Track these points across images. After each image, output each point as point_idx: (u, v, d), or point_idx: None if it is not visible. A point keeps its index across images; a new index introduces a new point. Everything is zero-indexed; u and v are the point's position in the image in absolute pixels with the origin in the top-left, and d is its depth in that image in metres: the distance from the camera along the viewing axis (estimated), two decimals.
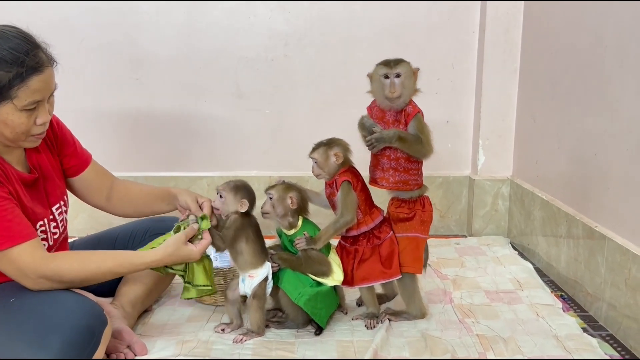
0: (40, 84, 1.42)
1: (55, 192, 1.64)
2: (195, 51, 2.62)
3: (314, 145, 1.74)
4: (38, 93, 1.42)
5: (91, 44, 2.59)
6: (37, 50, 1.43)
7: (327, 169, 1.72)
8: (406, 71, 1.69)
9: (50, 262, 1.44)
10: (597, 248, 1.85)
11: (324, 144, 1.72)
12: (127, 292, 1.75)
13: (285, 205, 1.69)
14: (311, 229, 1.72)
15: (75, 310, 1.38)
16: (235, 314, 1.73)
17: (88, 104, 2.62)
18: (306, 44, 2.63)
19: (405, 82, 1.68)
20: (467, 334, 1.71)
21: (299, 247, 1.68)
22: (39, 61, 1.41)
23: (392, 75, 1.68)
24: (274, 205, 1.69)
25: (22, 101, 1.40)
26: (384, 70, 1.69)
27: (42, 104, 1.45)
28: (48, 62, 1.45)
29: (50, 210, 1.61)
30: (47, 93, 1.46)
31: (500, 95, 2.61)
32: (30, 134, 1.48)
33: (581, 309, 1.93)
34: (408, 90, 1.69)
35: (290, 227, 1.71)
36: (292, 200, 1.68)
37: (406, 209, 1.76)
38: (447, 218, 2.76)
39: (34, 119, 1.45)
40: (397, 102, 1.70)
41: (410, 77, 1.69)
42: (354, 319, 1.80)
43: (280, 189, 1.70)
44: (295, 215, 1.71)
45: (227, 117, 2.68)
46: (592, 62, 1.95)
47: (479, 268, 2.24)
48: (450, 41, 2.64)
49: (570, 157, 2.12)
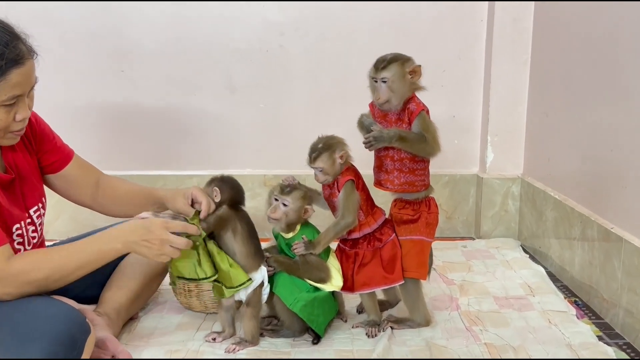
0: (20, 78, 1.41)
1: (33, 194, 1.64)
2: (184, 42, 2.61)
3: (313, 153, 1.69)
4: (18, 87, 1.41)
5: (73, 35, 2.58)
6: (17, 41, 1.42)
7: (333, 173, 1.70)
8: (393, 75, 1.66)
9: (14, 263, 1.43)
10: (614, 251, 1.85)
11: (324, 149, 1.68)
12: (112, 299, 1.75)
13: (298, 215, 1.68)
14: (310, 232, 1.71)
15: (55, 318, 1.38)
16: (229, 321, 1.72)
17: (70, 99, 2.62)
18: (303, 34, 2.63)
19: (394, 86, 1.67)
20: (475, 343, 1.71)
21: (297, 252, 1.67)
22: (19, 53, 1.41)
23: (379, 79, 1.68)
24: (288, 214, 1.67)
25: (1, 96, 1.40)
26: (372, 73, 1.69)
27: (22, 98, 1.45)
28: (28, 54, 1.44)
29: (28, 213, 1.61)
30: (27, 87, 1.45)
31: (509, 88, 2.61)
32: (8, 131, 1.47)
33: (596, 316, 1.93)
34: (398, 93, 1.68)
35: (289, 230, 1.70)
36: (307, 212, 1.68)
37: (411, 211, 1.76)
38: (454, 219, 2.76)
39: (13, 115, 1.45)
40: (386, 107, 1.70)
41: (401, 79, 1.67)
42: (354, 327, 1.80)
43: (298, 198, 1.67)
44: (300, 221, 1.71)
45: (219, 112, 2.68)
46: (608, 52, 1.95)
47: (487, 272, 2.24)
48: (456, 30, 2.64)
49: (584, 153, 2.12)
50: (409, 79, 1.68)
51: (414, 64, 1.70)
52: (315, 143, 1.71)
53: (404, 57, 1.69)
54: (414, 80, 1.69)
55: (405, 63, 1.68)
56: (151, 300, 1.97)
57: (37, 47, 1.48)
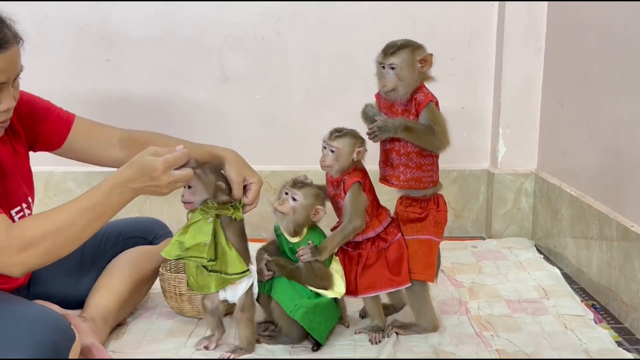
0: (4, 63, 1.41)
1: (16, 193, 1.63)
2: (174, 29, 2.61)
3: (336, 132, 1.69)
4: (2, 74, 1.42)
5: (55, 21, 2.58)
6: (1, 25, 1.42)
7: (342, 164, 1.70)
8: (403, 61, 1.66)
9: (15, 227, 1.41)
10: (634, 251, 1.85)
11: (351, 135, 1.69)
12: (98, 304, 1.74)
13: (307, 214, 1.68)
14: (316, 236, 1.71)
15: (38, 325, 1.37)
16: (216, 323, 1.72)
17: (52, 89, 2.57)
18: (301, 20, 2.63)
19: (402, 73, 1.67)
20: (485, 349, 1.71)
21: (303, 259, 1.66)
22: (3, 37, 1.41)
23: (386, 65, 1.67)
24: (296, 210, 1.67)
25: None
26: (380, 58, 1.69)
27: (6, 86, 1.45)
28: (14, 40, 1.44)
29: (9, 214, 1.60)
30: (12, 74, 1.45)
31: (523, 77, 2.61)
32: None
33: (615, 320, 1.93)
34: (406, 82, 1.68)
35: (295, 233, 1.70)
36: (317, 212, 1.68)
37: (418, 209, 1.76)
38: (463, 218, 2.76)
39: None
40: (392, 96, 1.70)
41: (410, 66, 1.67)
42: (357, 333, 1.80)
43: (310, 195, 1.67)
44: (307, 224, 1.70)
45: (211, 103, 2.67)
46: (627, 39, 1.94)
47: (499, 274, 2.24)
48: (465, 16, 2.64)
49: (602, 147, 2.12)
50: (419, 67, 1.68)
51: (425, 52, 1.69)
52: (341, 127, 1.71)
53: (415, 44, 1.69)
54: (424, 69, 1.69)
55: (416, 50, 1.68)
56: (140, 305, 1.97)
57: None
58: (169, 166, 1.49)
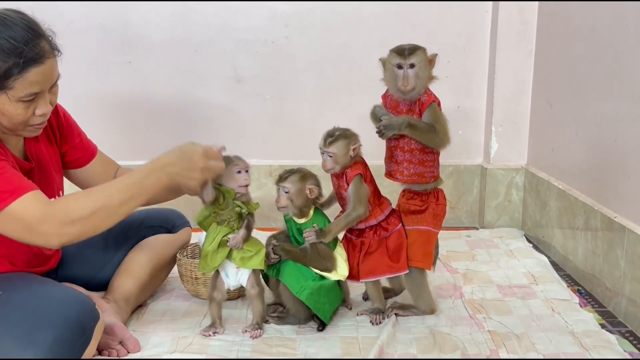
0: (38, 77, 1.41)
1: (50, 186, 1.65)
2: (190, 33, 2.62)
3: (328, 138, 1.69)
4: (36, 85, 1.42)
5: (80, 26, 2.59)
6: (38, 40, 1.42)
7: (342, 163, 1.71)
8: (421, 60, 1.66)
9: (55, 202, 1.41)
10: (617, 240, 1.85)
11: (342, 137, 1.69)
12: (120, 286, 1.76)
13: (303, 197, 1.69)
14: (321, 220, 1.72)
15: (65, 305, 1.39)
16: (219, 314, 1.71)
17: (77, 90, 2.61)
18: (308, 25, 2.63)
19: (420, 72, 1.66)
20: (478, 330, 1.71)
21: (308, 240, 1.68)
22: (40, 52, 1.41)
23: (406, 66, 1.66)
24: (292, 199, 1.68)
25: (19, 92, 1.40)
26: (397, 59, 1.66)
27: (41, 95, 1.45)
28: (50, 53, 1.44)
29: None
30: (46, 85, 1.45)
31: (514, 78, 2.60)
32: (28, 124, 1.48)
33: (599, 305, 1.93)
34: (422, 81, 1.68)
35: (302, 215, 1.71)
36: (311, 191, 1.69)
37: (419, 201, 1.77)
38: (458, 209, 2.76)
39: (32, 110, 1.45)
40: (410, 95, 1.69)
41: (426, 66, 1.67)
42: (359, 315, 1.81)
43: (296, 180, 1.68)
44: (310, 204, 1.72)
45: (225, 102, 2.68)
46: (613, 43, 1.94)
47: (491, 262, 2.25)
48: (461, 21, 2.63)
49: (588, 144, 2.12)
50: (430, 67, 1.69)
51: (433, 53, 1.70)
52: (332, 129, 1.72)
53: (422, 46, 1.70)
54: (432, 69, 1.70)
55: (425, 51, 1.69)
56: (159, 289, 1.99)
57: None
58: (206, 154, 1.52)
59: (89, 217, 1.39)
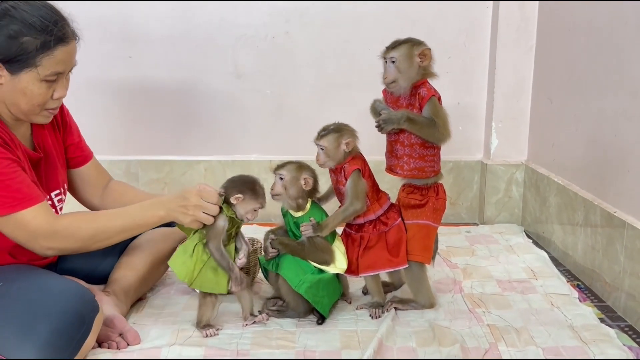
0: (65, 55, 1.49)
1: (56, 178, 1.66)
2: (190, 28, 2.61)
3: (322, 132, 1.71)
4: (62, 64, 1.49)
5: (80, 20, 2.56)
6: (64, 22, 1.50)
7: (334, 158, 1.71)
8: (401, 55, 1.67)
9: (62, 219, 1.50)
10: (616, 235, 1.85)
11: (333, 131, 1.69)
12: (120, 279, 1.76)
13: (298, 187, 1.69)
14: (318, 214, 1.72)
15: (64, 296, 1.39)
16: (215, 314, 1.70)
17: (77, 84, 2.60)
18: (308, 21, 2.62)
19: (401, 66, 1.67)
20: (477, 324, 1.71)
21: (305, 234, 1.68)
22: (66, 33, 1.49)
23: (388, 59, 1.69)
24: (286, 186, 1.68)
25: (46, 70, 1.46)
26: (382, 53, 1.71)
27: (62, 76, 1.52)
28: (73, 36, 1.52)
29: (50, 196, 1.62)
30: (69, 65, 1.53)
31: (514, 75, 2.60)
32: (44, 108, 1.53)
33: (599, 299, 1.93)
34: (406, 75, 1.68)
35: (299, 208, 1.71)
36: (306, 182, 1.69)
37: (419, 196, 1.76)
38: (458, 205, 2.76)
39: (51, 92, 1.51)
40: (394, 88, 1.70)
41: (408, 59, 1.68)
42: (359, 309, 1.80)
43: (292, 168, 1.69)
44: (306, 197, 1.71)
45: (225, 98, 2.68)
46: (612, 39, 1.94)
47: (490, 257, 2.24)
48: (461, 17, 2.63)
49: (588, 139, 2.11)
50: (418, 61, 1.68)
51: (424, 47, 1.69)
52: (328, 124, 1.73)
53: (414, 40, 1.70)
54: (424, 63, 1.69)
55: (414, 45, 1.69)
56: (159, 282, 1.98)
57: None
58: (200, 193, 1.58)
59: (90, 238, 1.52)
